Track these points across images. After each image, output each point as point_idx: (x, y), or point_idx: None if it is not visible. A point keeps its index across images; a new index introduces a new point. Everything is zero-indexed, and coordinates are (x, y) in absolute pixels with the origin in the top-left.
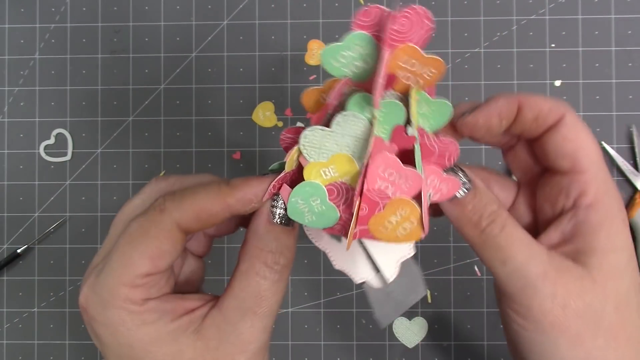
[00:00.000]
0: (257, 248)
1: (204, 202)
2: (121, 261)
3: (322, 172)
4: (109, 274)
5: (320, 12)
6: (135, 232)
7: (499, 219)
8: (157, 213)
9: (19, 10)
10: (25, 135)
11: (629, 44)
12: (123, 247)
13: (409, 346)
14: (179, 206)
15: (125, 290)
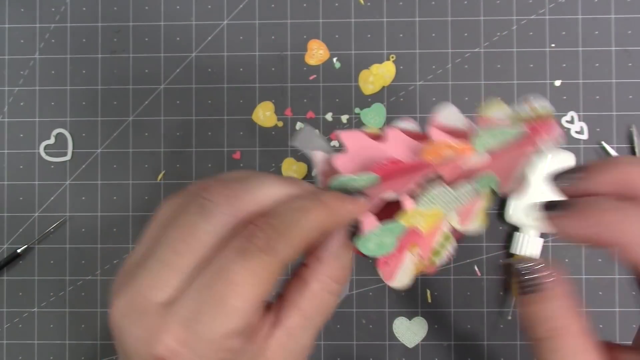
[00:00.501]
0: (332, 267)
1: (309, 233)
2: (225, 314)
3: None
4: (209, 329)
5: (320, 12)
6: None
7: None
8: (265, 255)
9: (19, 10)
10: (25, 135)
11: (629, 44)
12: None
13: (409, 346)
14: (288, 245)
15: (225, 341)
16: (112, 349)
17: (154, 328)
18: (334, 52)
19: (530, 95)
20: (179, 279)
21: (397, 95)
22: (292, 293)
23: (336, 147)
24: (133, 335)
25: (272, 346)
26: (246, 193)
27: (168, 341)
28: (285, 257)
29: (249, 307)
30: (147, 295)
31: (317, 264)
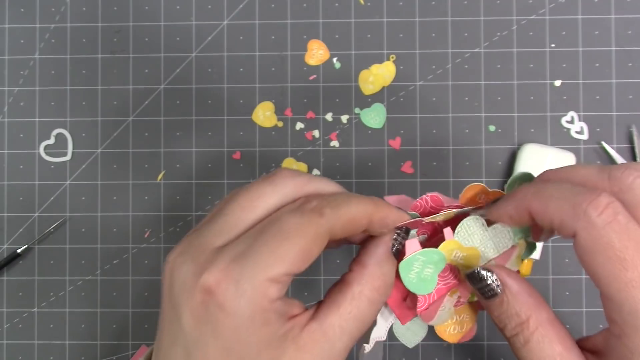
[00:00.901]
0: (375, 275)
1: (355, 213)
2: (273, 253)
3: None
4: (256, 263)
5: (320, 12)
6: (292, 230)
7: (524, 332)
8: (316, 216)
9: (19, 10)
10: (25, 135)
11: (629, 44)
12: (276, 240)
13: (409, 346)
14: (336, 213)
15: (267, 284)
16: (112, 349)
17: (206, 262)
18: (334, 52)
19: None
20: (238, 230)
21: (397, 95)
22: (334, 293)
23: None
24: (184, 269)
25: (305, 336)
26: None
27: (216, 272)
28: (331, 224)
29: (293, 257)
30: (207, 240)
31: (360, 269)
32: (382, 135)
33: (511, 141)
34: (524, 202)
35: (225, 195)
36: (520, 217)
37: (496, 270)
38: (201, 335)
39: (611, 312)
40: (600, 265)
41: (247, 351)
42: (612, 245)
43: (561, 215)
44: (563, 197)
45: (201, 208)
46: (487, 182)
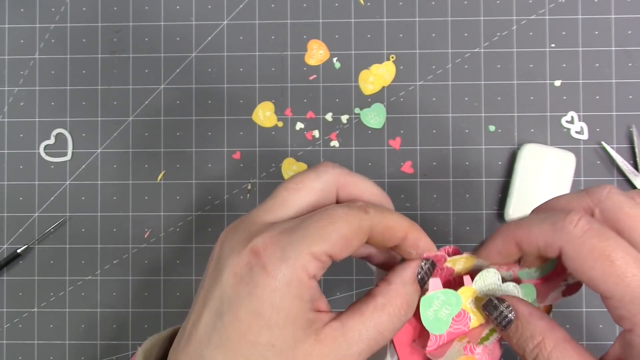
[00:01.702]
0: (399, 292)
1: (395, 223)
2: (319, 231)
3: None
4: (303, 237)
5: (320, 12)
6: (339, 217)
7: (542, 352)
8: (362, 212)
9: (19, 10)
10: (25, 135)
11: (629, 44)
12: (324, 222)
13: None
14: (378, 216)
15: (308, 258)
16: (112, 349)
17: (257, 231)
18: (334, 52)
19: None
20: (286, 211)
21: (397, 95)
22: (358, 303)
23: None
24: (236, 237)
25: (326, 331)
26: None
27: (265, 237)
28: (374, 223)
29: (336, 240)
30: (258, 214)
31: (386, 285)
32: (382, 135)
33: (511, 141)
34: (508, 235)
35: (225, 196)
36: (507, 249)
37: (508, 298)
38: (237, 295)
39: (616, 309)
40: (591, 269)
41: (275, 319)
42: (595, 247)
43: (544, 237)
44: (542, 221)
45: (201, 208)
46: (487, 182)
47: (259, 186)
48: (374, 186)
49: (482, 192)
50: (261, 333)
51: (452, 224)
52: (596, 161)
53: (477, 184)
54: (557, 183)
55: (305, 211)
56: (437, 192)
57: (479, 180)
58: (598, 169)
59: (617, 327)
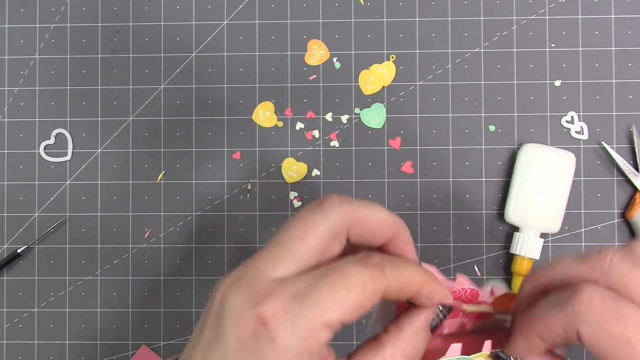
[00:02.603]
0: (409, 342)
1: (411, 278)
2: (332, 300)
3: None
4: (315, 305)
5: (320, 12)
6: (353, 279)
7: None
8: (378, 271)
9: (19, 10)
10: (25, 135)
11: (629, 44)
12: (337, 287)
13: None
14: (395, 273)
15: (321, 328)
16: (112, 349)
17: (264, 293)
18: (334, 52)
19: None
20: (293, 263)
21: (397, 95)
22: (366, 350)
23: None
24: (240, 297)
25: None
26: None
27: (275, 304)
28: (390, 282)
29: (351, 306)
30: (262, 268)
31: (397, 332)
32: (382, 135)
33: (511, 141)
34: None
35: (225, 196)
36: (535, 346)
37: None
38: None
39: None
40: (612, 354)
41: None
42: (613, 331)
43: (561, 327)
44: (554, 310)
45: (201, 208)
46: (487, 182)
47: (259, 186)
48: (386, 215)
49: (482, 192)
50: None
51: (452, 224)
52: (596, 161)
53: (477, 184)
54: (557, 183)
55: (313, 260)
56: (437, 192)
57: (479, 180)
58: (598, 169)
59: None
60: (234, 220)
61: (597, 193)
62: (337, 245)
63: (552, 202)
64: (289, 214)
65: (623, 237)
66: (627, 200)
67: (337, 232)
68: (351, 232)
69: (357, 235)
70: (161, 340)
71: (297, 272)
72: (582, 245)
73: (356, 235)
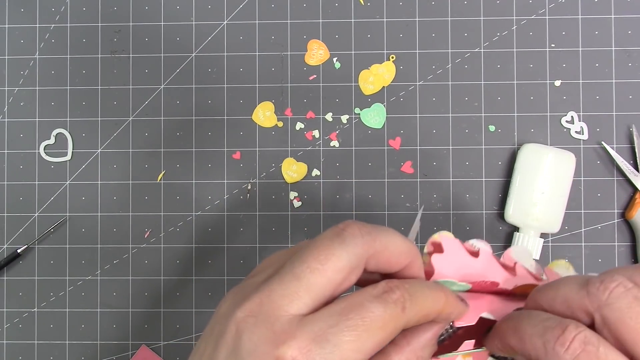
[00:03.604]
0: (416, 353)
1: (431, 309)
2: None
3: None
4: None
5: (320, 12)
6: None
7: None
8: (399, 310)
9: (19, 10)
10: (25, 135)
11: (629, 44)
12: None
13: None
14: (415, 308)
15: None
16: (112, 349)
17: (285, 333)
18: (334, 52)
19: None
20: (311, 297)
21: (397, 95)
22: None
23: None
24: (258, 334)
25: None
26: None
27: (296, 348)
28: (409, 319)
29: (371, 348)
30: (279, 304)
31: (404, 344)
32: (382, 135)
33: (511, 141)
34: (505, 339)
35: (225, 196)
36: (507, 351)
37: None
38: None
39: None
40: None
41: None
42: None
43: (536, 352)
44: (536, 333)
45: (201, 208)
46: (487, 182)
47: (259, 186)
48: (402, 243)
49: (482, 192)
50: None
51: (452, 224)
52: (596, 161)
53: (477, 184)
54: (557, 183)
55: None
56: (437, 192)
57: (479, 180)
58: (598, 169)
59: None
60: (234, 220)
61: (597, 193)
62: (355, 275)
63: (552, 202)
64: (289, 214)
65: (623, 237)
66: (627, 200)
67: (357, 265)
68: (369, 263)
69: (374, 265)
70: (161, 340)
71: (314, 306)
72: (582, 245)
73: (373, 265)
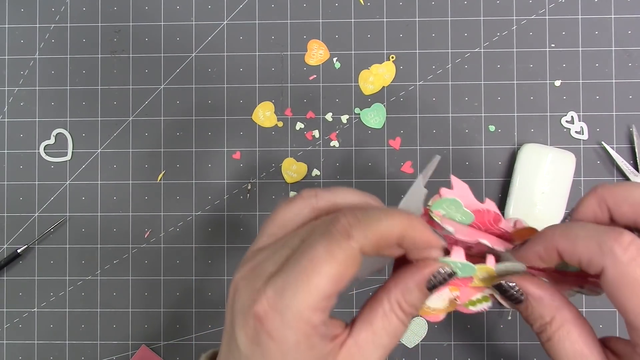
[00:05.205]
0: (404, 298)
1: (385, 231)
2: (306, 284)
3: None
4: (294, 295)
5: (320, 12)
6: (321, 254)
7: (547, 331)
8: (344, 239)
9: (19, 10)
10: (25, 135)
11: (629, 44)
12: (308, 273)
13: (409, 346)
14: (363, 233)
15: (309, 313)
16: (112, 349)
17: (259, 291)
18: (334, 52)
19: None
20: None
21: (397, 95)
22: (367, 310)
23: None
24: (245, 293)
25: (343, 352)
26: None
27: (264, 303)
28: (360, 245)
29: (326, 285)
30: (262, 266)
31: (393, 287)
32: (382, 135)
33: (511, 141)
34: (552, 243)
35: (225, 196)
36: (549, 256)
37: (519, 281)
38: (253, 354)
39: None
40: (627, 299)
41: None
42: (638, 280)
43: (589, 253)
44: (589, 235)
45: (201, 208)
46: (487, 182)
47: (259, 186)
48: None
49: (482, 192)
50: None
51: None
52: (596, 161)
53: (477, 184)
54: (557, 183)
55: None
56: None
57: (479, 180)
58: (598, 169)
59: (617, 327)
60: (234, 220)
61: None
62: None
63: (552, 202)
64: None
65: None
66: None
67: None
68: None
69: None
70: (161, 340)
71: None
72: None
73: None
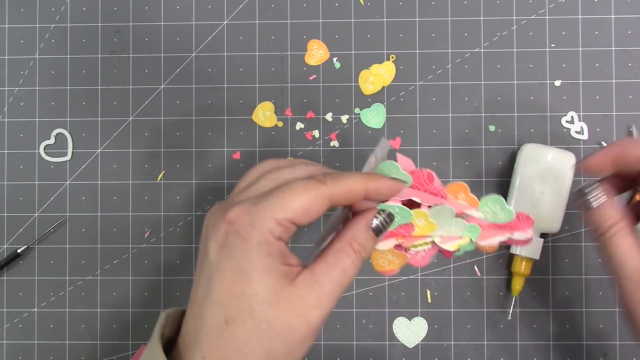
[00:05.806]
0: (353, 237)
1: (352, 184)
2: (281, 202)
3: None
4: (267, 206)
5: (320, 12)
6: (299, 189)
7: (607, 234)
8: (319, 183)
9: (19, 10)
10: (25, 135)
11: (629, 44)
12: (285, 194)
13: (409, 346)
14: (335, 183)
15: (273, 223)
16: (112, 349)
17: (231, 204)
18: (334, 52)
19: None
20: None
21: (397, 95)
22: (324, 250)
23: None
24: (216, 215)
25: (300, 279)
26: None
27: (237, 209)
28: (331, 190)
29: (296, 208)
30: (233, 197)
31: (344, 231)
32: (382, 135)
33: (511, 141)
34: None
35: (226, 196)
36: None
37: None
38: (221, 259)
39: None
40: None
41: (254, 273)
42: None
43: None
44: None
45: (201, 208)
46: (486, 182)
47: None
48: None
49: (482, 192)
50: (245, 285)
51: None
52: None
53: (477, 184)
54: (557, 183)
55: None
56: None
57: (479, 180)
58: None
59: (617, 327)
60: None
61: None
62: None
63: (552, 202)
64: None
65: None
66: (627, 200)
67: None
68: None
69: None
70: None
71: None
72: (582, 245)
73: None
